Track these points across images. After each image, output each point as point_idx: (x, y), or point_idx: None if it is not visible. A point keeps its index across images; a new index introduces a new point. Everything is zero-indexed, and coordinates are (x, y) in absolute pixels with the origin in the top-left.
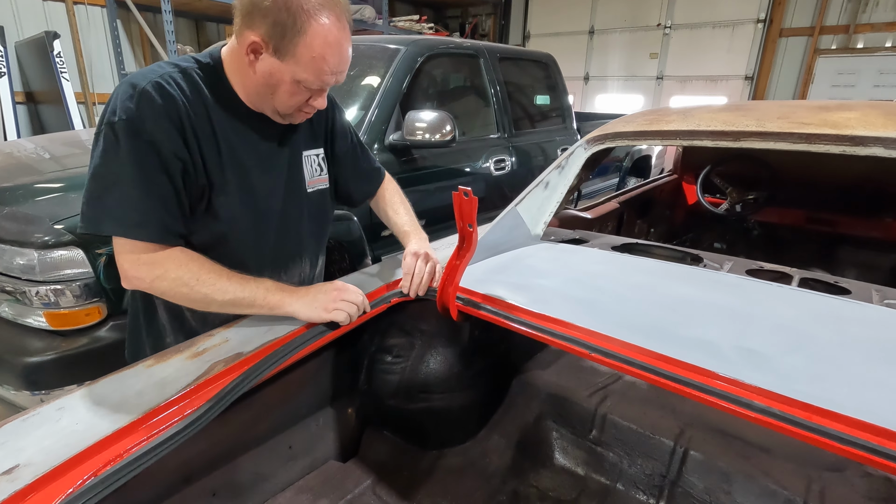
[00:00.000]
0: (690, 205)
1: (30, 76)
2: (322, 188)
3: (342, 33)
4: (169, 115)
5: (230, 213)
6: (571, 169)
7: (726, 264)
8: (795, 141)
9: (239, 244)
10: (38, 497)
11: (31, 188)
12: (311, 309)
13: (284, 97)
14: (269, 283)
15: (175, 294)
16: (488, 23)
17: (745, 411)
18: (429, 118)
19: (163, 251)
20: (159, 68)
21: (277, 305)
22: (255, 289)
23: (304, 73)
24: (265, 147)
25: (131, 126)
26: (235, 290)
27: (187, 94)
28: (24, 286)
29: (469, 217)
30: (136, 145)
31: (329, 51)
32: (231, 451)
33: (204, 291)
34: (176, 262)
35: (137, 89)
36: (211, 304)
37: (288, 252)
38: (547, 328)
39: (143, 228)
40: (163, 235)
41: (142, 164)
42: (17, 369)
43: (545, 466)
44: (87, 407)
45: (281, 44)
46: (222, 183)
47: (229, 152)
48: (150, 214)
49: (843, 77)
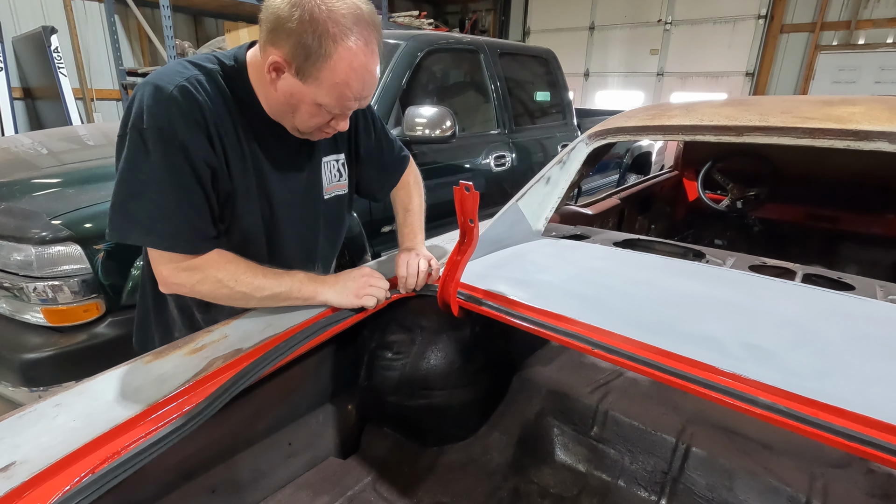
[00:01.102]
0: (691, 201)
1: (27, 71)
2: (340, 194)
3: (369, 58)
4: (198, 122)
5: (250, 219)
6: (573, 164)
7: (729, 260)
8: (799, 136)
9: (255, 249)
10: (34, 494)
11: (28, 183)
12: (342, 296)
13: (304, 117)
14: (301, 276)
15: (216, 295)
16: (488, 18)
17: (750, 407)
18: (429, 114)
19: (200, 257)
20: (185, 69)
21: (312, 296)
22: (290, 283)
23: (327, 97)
24: (286, 153)
25: (161, 134)
26: (272, 286)
27: (213, 98)
28: (21, 282)
29: (470, 212)
30: (167, 152)
31: (354, 76)
32: (230, 448)
33: (243, 290)
34: (214, 265)
35: (165, 94)
36: (250, 301)
37: (302, 257)
38: (549, 324)
39: (176, 239)
40: (197, 244)
41: (174, 172)
42: (15, 366)
43: (546, 463)
44: (84, 403)
45: (304, 66)
46: (245, 189)
47: (252, 158)
48: (182, 224)
49: (845, 73)
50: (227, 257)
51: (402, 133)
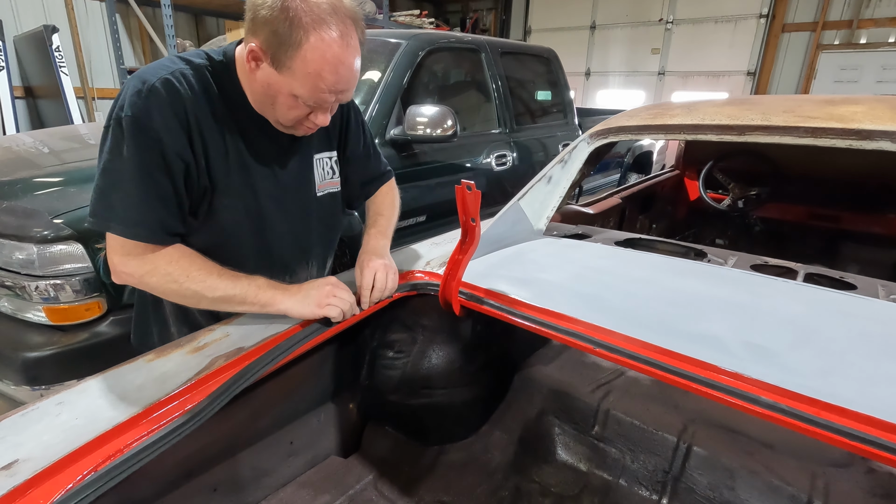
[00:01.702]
0: (692, 200)
1: (29, 70)
2: (333, 191)
3: (345, 51)
4: (176, 114)
5: (232, 215)
6: (574, 163)
7: (730, 259)
8: (801, 135)
9: (241, 246)
10: (37, 492)
11: (30, 182)
12: (302, 305)
13: (283, 109)
14: (261, 281)
15: (165, 290)
16: (489, 18)
17: (751, 406)
18: (430, 113)
19: (155, 250)
20: (171, 63)
21: (269, 302)
22: (246, 286)
23: (301, 88)
24: (274, 149)
25: (138, 123)
26: (226, 287)
27: (197, 92)
28: (23, 281)
29: (472, 211)
30: (140, 142)
31: (327, 68)
32: (232, 447)
33: (194, 288)
34: (166, 258)
35: (147, 85)
36: (201, 301)
37: (294, 254)
38: (550, 323)
39: (140, 228)
40: (159, 236)
41: (144, 163)
42: (16, 364)
43: (547, 462)
44: (86, 402)
45: (277, 54)
46: (226, 185)
47: (236, 154)
48: (147, 215)
49: (846, 73)
50: (183, 252)
51: (403, 132)
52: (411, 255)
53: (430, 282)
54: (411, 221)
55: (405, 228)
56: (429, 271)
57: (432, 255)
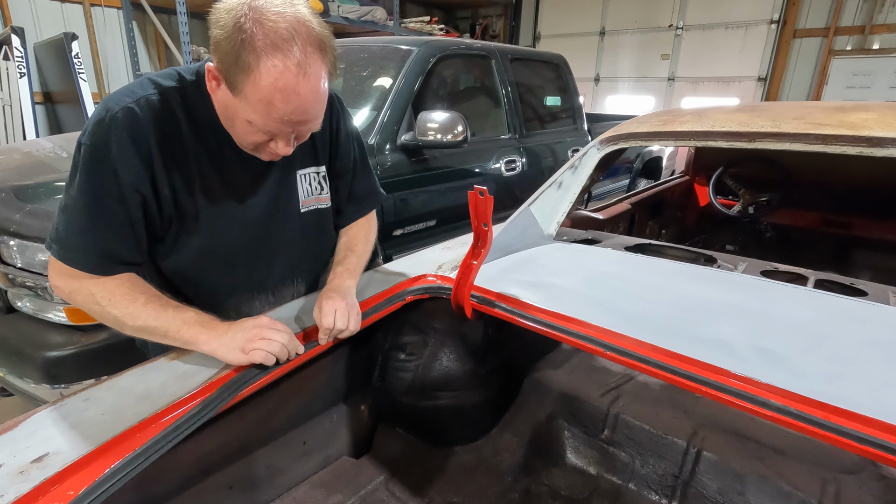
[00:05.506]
0: (702, 206)
1: (48, 77)
2: (321, 207)
3: (300, 80)
4: (136, 145)
5: (201, 241)
6: (584, 169)
7: (741, 265)
8: (811, 142)
9: (212, 269)
10: (66, 485)
11: (51, 186)
12: (227, 349)
13: (241, 133)
14: (189, 315)
15: (90, 310)
16: (499, 24)
17: (762, 410)
18: (441, 118)
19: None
20: (139, 89)
21: (191, 341)
22: (170, 319)
23: (253, 114)
24: (250, 170)
25: (95, 153)
26: (147, 319)
27: (162, 120)
28: (44, 282)
29: (484, 216)
30: (95, 170)
31: (278, 96)
32: (247, 446)
33: (114, 313)
34: (94, 278)
35: (109, 114)
36: (124, 328)
37: (276, 275)
38: (562, 326)
39: (80, 255)
40: (103, 266)
41: (96, 192)
42: (37, 363)
43: (557, 465)
44: (112, 398)
45: (230, 76)
46: (194, 211)
47: (207, 180)
48: (92, 244)
49: (859, 78)
50: (117, 277)
51: (414, 138)
52: (423, 259)
53: (442, 285)
54: (421, 226)
55: (415, 233)
56: (440, 275)
57: (444, 259)
